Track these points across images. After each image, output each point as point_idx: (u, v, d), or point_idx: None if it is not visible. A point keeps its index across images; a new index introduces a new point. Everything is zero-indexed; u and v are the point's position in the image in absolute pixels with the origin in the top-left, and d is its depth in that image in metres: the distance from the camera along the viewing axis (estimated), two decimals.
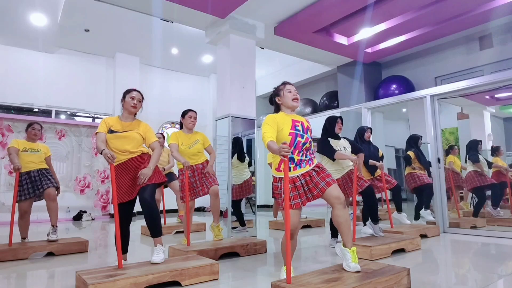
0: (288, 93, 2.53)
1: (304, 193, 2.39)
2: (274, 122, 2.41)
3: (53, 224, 3.81)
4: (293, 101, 2.52)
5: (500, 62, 5.64)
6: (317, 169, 2.44)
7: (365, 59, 6.93)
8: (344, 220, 2.36)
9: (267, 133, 2.34)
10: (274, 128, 2.39)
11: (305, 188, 2.39)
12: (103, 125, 2.85)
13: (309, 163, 2.44)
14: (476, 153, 5.40)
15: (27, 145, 3.88)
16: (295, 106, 2.54)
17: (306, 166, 2.42)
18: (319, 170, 2.44)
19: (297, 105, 2.54)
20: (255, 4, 5.03)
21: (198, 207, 8.91)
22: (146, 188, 2.72)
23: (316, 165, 2.46)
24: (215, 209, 3.82)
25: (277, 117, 2.47)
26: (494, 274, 2.80)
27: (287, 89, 2.54)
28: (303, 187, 2.39)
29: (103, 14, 6.33)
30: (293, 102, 2.52)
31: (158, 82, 9.07)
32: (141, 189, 2.72)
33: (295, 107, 2.54)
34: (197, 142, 3.79)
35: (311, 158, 2.47)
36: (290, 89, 2.54)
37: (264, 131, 2.36)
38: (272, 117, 2.45)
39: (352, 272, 2.31)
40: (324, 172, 2.44)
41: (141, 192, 2.71)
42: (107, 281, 2.21)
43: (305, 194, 2.39)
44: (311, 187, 2.39)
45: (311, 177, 2.40)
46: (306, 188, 2.40)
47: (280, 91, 2.56)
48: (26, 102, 7.40)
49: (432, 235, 4.59)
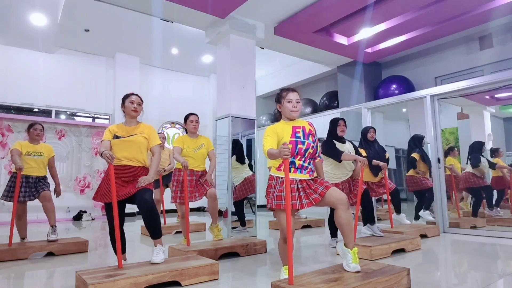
0: (288, 103, 2.47)
1: (298, 197, 2.35)
2: (274, 133, 2.41)
3: (51, 225, 3.81)
4: (291, 112, 2.47)
5: (500, 62, 5.64)
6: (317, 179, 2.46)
7: (365, 59, 6.93)
8: (346, 222, 2.34)
9: (267, 143, 2.35)
10: (274, 139, 2.38)
11: (300, 193, 2.36)
12: (108, 133, 2.88)
13: (310, 173, 2.44)
14: (479, 155, 5.37)
15: (30, 148, 3.83)
16: (293, 118, 2.50)
17: (306, 175, 2.41)
18: (316, 179, 2.46)
19: (296, 116, 2.50)
20: (255, 4, 5.03)
21: (198, 207, 8.90)
22: (146, 191, 2.73)
23: (315, 177, 2.48)
24: (213, 211, 3.82)
25: (276, 127, 2.45)
26: (494, 274, 2.80)
27: (288, 98, 2.48)
28: (298, 192, 2.36)
29: (103, 14, 6.33)
30: (291, 114, 2.47)
31: (158, 82, 9.07)
32: (141, 191, 2.72)
33: (293, 118, 2.50)
34: (202, 147, 3.82)
35: (312, 169, 2.46)
36: (291, 99, 2.47)
37: (264, 142, 2.37)
38: (272, 128, 2.45)
39: (352, 272, 2.31)
40: (322, 180, 2.46)
41: (141, 193, 2.71)
42: (107, 281, 2.21)
43: (299, 199, 2.34)
44: (308, 192, 2.36)
45: (309, 185, 2.40)
46: (302, 193, 2.36)
47: (281, 99, 2.51)
48: (26, 102, 7.40)
49: (432, 235, 4.59)
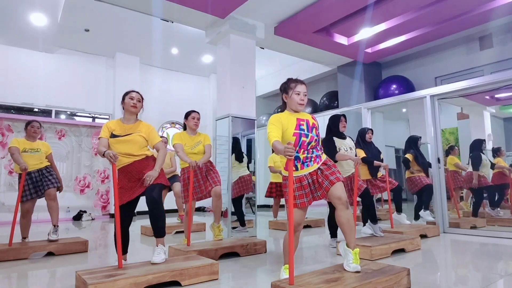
0: (296, 95, 2.47)
1: (310, 192, 2.38)
2: (279, 122, 2.41)
3: (54, 224, 3.81)
4: (298, 105, 2.48)
5: (500, 62, 5.64)
6: (324, 166, 2.43)
7: (365, 59, 6.93)
8: (346, 221, 2.34)
9: (272, 133, 2.34)
10: (279, 128, 2.38)
11: (311, 187, 2.39)
12: (105, 130, 2.83)
13: (317, 161, 2.42)
14: (479, 153, 5.37)
15: (27, 145, 3.82)
16: (299, 110, 2.52)
17: (314, 165, 2.40)
18: (325, 167, 2.42)
19: (302, 109, 2.52)
20: (255, 4, 5.03)
21: (198, 207, 8.91)
22: (154, 187, 2.71)
23: (324, 162, 2.45)
24: (217, 209, 3.81)
25: (282, 117, 2.45)
26: (494, 274, 2.80)
27: (296, 91, 2.47)
28: (309, 187, 2.38)
29: (103, 14, 6.33)
30: (297, 106, 2.48)
31: (158, 82, 9.07)
32: (149, 188, 2.70)
33: (299, 110, 2.52)
34: (200, 143, 3.78)
35: (318, 155, 2.45)
36: (299, 91, 2.47)
37: (269, 130, 2.36)
38: (277, 117, 2.44)
39: (352, 272, 2.30)
40: (330, 169, 2.41)
41: (149, 191, 2.69)
42: (107, 281, 2.21)
43: (311, 193, 2.39)
44: (317, 186, 2.39)
45: (317, 176, 2.40)
46: (312, 187, 2.39)
47: (289, 90, 2.49)
48: (26, 102, 7.40)
49: (432, 235, 4.59)
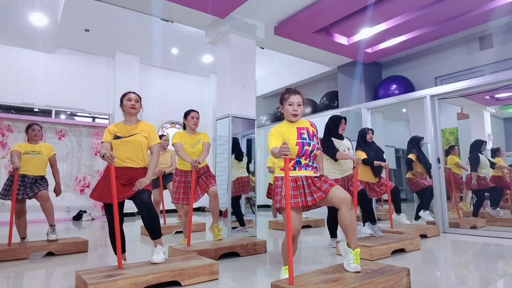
0: (289, 106, 2.47)
1: (304, 194, 2.36)
2: (279, 133, 2.43)
3: (50, 224, 3.81)
4: (292, 116, 2.47)
5: (500, 62, 5.64)
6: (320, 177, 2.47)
7: (365, 59, 6.93)
8: (350, 222, 2.32)
9: (272, 142, 2.38)
10: (279, 138, 2.40)
11: (306, 189, 2.37)
12: (107, 134, 2.85)
13: (314, 170, 2.45)
14: (477, 154, 5.37)
15: (28, 147, 3.84)
16: (293, 121, 2.51)
17: (311, 171, 2.43)
18: (321, 177, 2.47)
19: (296, 120, 2.50)
20: (255, 4, 5.03)
21: (198, 207, 8.90)
22: (144, 192, 2.72)
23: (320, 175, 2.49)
24: (215, 210, 3.81)
25: (282, 128, 2.47)
26: (494, 274, 2.79)
27: (289, 101, 2.47)
28: (304, 188, 2.38)
29: (103, 14, 6.33)
30: (291, 117, 2.48)
31: (158, 82, 9.07)
32: (138, 192, 2.71)
33: (294, 121, 2.51)
34: (199, 142, 3.77)
35: (316, 167, 2.49)
36: (292, 102, 2.46)
37: (269, 141, 2.40)
38: (277, 129, 2.47)
39: (352, 272, 2.30)
40: (327, 178, 2.47)
41: (139, 194, 2.70)
42: (107, 281, 2.21)
43: (305, 195, 2.35)
44: (312, 189, 2.37)
45: (313, 182, 2.41)
46: (307, 190, 2.37)
47: (284, 101, 2.51)
48: (26, 102, 7.40)
49: (432, 235, 4.59)
